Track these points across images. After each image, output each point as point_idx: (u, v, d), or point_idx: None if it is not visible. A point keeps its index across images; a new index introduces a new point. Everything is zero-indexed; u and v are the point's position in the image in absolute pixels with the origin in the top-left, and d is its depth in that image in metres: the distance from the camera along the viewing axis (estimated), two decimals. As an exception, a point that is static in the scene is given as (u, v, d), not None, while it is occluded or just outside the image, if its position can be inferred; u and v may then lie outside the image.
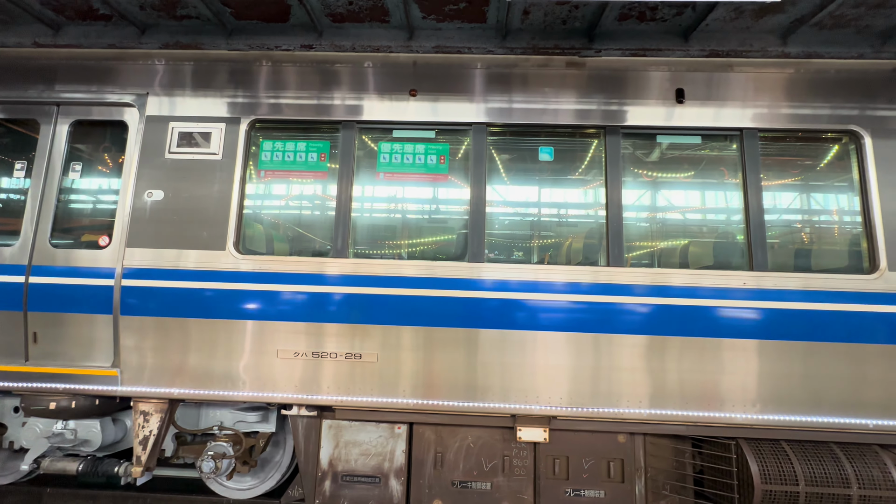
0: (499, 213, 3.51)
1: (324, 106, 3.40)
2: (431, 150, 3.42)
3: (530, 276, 3.16)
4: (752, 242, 3.16)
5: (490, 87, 3.39)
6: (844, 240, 3.32)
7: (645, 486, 3.12)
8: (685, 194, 3.54)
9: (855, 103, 3.26)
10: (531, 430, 3.10)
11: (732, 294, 3.08)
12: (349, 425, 3.24)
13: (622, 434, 3.16)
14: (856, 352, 3.00)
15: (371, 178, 3.44)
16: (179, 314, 3.19)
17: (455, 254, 3.36)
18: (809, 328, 3.02)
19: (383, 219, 3.48)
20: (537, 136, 3.45)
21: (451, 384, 3.12)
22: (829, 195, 3.41)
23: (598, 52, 3.37)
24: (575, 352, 3.09)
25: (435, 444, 3.20)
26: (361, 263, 3.21)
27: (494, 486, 3.14)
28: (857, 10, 3.07)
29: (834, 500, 2.84)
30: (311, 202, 3.54)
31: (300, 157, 3.44)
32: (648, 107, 3.33)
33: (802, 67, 3.32)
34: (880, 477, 2.85)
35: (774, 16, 3.17)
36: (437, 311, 3.14)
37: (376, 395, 3.13)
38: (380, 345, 3.14)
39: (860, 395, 2.98)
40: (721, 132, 3.33)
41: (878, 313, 3.01)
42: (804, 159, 3.43)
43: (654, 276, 3.12)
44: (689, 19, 3.24)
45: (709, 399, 3.04)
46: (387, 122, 3.40)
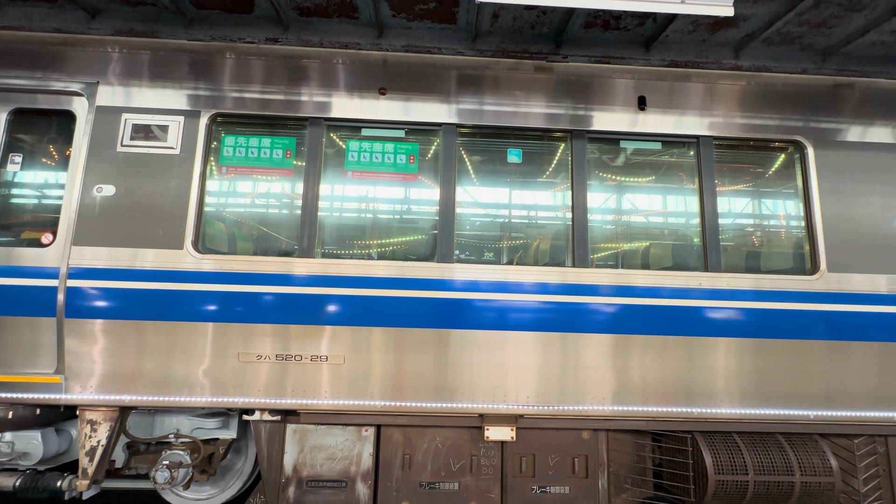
0: (468, 213, 3.52)
1: (291, 102, 3.31)
2: (401, 149, 3.39)
3: (499, 276, 3.19)
4: (707, 245, 3.31)
5: (461, 89, 3.40)
6: (790, 243, 3.54)
7: (608, 481, 3.22)
8: (647, 198, 3.68)
9: (799, 115, 3.49)
10: (499, 429, 3.13)
11: (690, 294, 3.22)
12: (315, 429, 3.16)
13: (586, 431, 3.24)
14: (799, 348, 3.20)
15: (339, 177, 3.38)
16: (131, 316, 3.02)
17: (424, 254, 3.34)
18: (759, 326, 3.20)
19: (351, 218, 3.43)
20: (506, 139, 3.49)
21: (420, 385, 3.10)
22: (777, 201, 3.64)
23: (564, 57, 3.45)
24: (542, 351, 3.15)
25: (403, 446, 3.18)
26: (328, 263, 3.14)
27: (462, 485, 3.15)
28: (801, 28, 3.29)
29: (779, 486, 3.02)
30: (276, 200, 3.43)
31: (265, 154, 3.33)
32: (613, 113, 3.44)
33: (753, 80, 3.52)
34: (819, 464, 3.06)
35: (728, 30, 3.35)
36: (405, 312, 3.12)
37: (343, 397, 3.08)
38: (347, 346, 3.09)
39: (803, 388, 3.19)
40: (679, 139, 3.48)
41: (818, 311, 3.22)
42: (755, 167, 3.64)
43: (619, 277, 3.22)
44: (650, 30, 3.37)
45: (667, 395, 3.16)
46: (356, 120, 3.34)
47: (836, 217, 3.35)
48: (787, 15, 3.12)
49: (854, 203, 3.38)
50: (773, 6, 3.10)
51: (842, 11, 3.11)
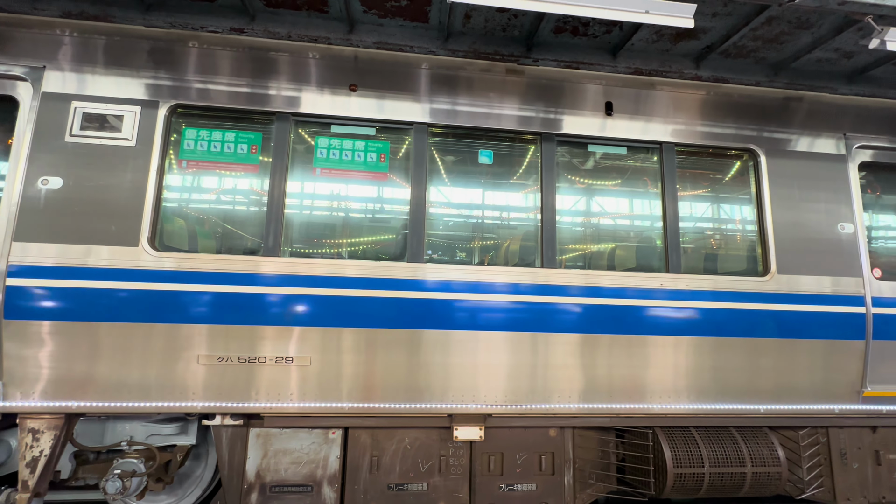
0: (439, 213, 3.52)
1: (257, 95, 3.20)
2: (372, 147, 3.35)
3: (470, 276, 3.20)
4: (669, 247, 3.44)
5: (433, 88, 3.39)
6: (744, 246, 3.73)
7: (573, 477, 3.29)
8: (613, 201, 3.78)
9: (753, 125, 3.68)
10: (467, 428, 3.13)
11: (652, 294, 3.34)
12: (279, 433, 3.07)
13: (553, 428, 3.30)
14: (752, 346, 3.38)
15: (307, 174, 3.30)
16: (81, 317, 2.84)
17: (395, 254, 3.31)
18: (716, 325, 3.36)
19: (320, 217, 3.35)
20: (478, 140, 3.51)
21: (390, 386, 3.07)
22: (734, 206, 3.83)
23: (535, 61, 3.50)
24: (512, 351, 3.18)
25: (371, 448, 3.14)
26: (297, 263, 3.06)
27: (431, 486, 3.14)
28: (755, 42, 3.47)
29: (732, 478, 3.18)
30: (241, 197, 3.32)
31: (228, 148, 3.21)
32: (581, 117, 3.52)
33: (712, 90, 3.69)
34: (768, 455, 3.24)
35: (689, 41, 3.50)
36: (374, 312, 3.08)
37: (310, 400, 3.01)
38: (314, 347, 3.02)
39: (755, 384, 3.37)
40: (644, 144, 3.60)
41: (769, 311, 3.41)
42: (714, 173, 3.82)
43: (587, 278, 3.30)
44: (617, 37, 3.47)
45: (631, 392, 3.27)
46: (325, 116, 3.27)
47: (786, 222, 3.56)
48: (743, 29, 3.28)
49: (801, 209, 3.59)
50: (730, 20, 3.25)
51: (791, 28, 3.30)
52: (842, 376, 3.44)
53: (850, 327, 3.46)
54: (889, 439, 3.62)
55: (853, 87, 3.87)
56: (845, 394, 3.44)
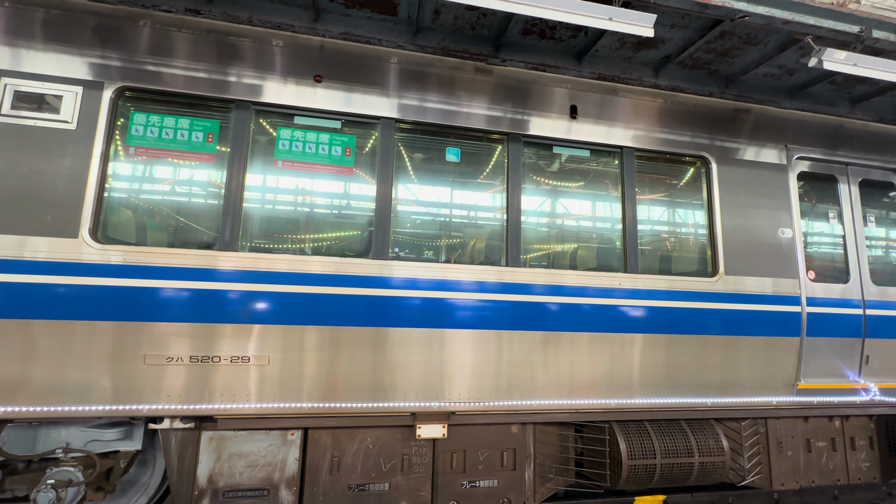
0: (405, 210, 3.48)
1: (215, 81, 3.04)
2: (337, 140, 3.26)
3: (435, 274, 3.18)
4: (627, 248, 3.58)
5: (402, 83, 3.35)
6: (696, 248, 3.93)
7: (533, 472, 3.35)
8: (577, 203, 3.89)
9: (706, 134, 3.88)
10: (431, 426, 3.13)
11: (612, 293, 3.45)
12: (234, 436, 2.94)
13: (515, 425, 3.35)
14: (702, 342, 3.57)
15: (268, 166, 3.18)
16: (9, 314, 2.59)
17: (359, 251, 3.25)
18: (670, 323, 3.52)
19: (282, 211, 3.24)
20: (445, 137, 3.50)
21: (353, 385, 3.01)
22: (688, 210, 4.02)
23: (503, 61, 3.54)
24: (476, 348, 3.20)
25: (332, 449, 3.07)
26: (254, 258, 2.94)
27: (393, 486, 3.11)
28: (709, 55, 3.66)
29: (681, 468, 3.35)
30: (196, 188, 3.14)
31: (182, 136, 3.03)
32: (547, 119, 3.58)
33: (670, 99, 3.86)
34: (714, 445, 3.44)
35: (649, 51, 3.64)
36: (335, 310, 3.01)
37: (268, 400, 2.90)
38: (273, 346, 2.91)
39: (703, 379, 3.56)
40: (606, 148, 3.71)
41: (716, 310, 3.62)
42: (670, 178, 4.00)
43: (551, 277, 3.37)
44: (582, 43, 3.56)
45: (590, 388, 3.37)
46: (288, 106, 3.16)
47: (733, 226, 3.78)
48: (698, 42, 3.45)
49: (747, 214, 3.83)
50: (687, 32, 3.41)
51: (741, 44, 3.51)
52: (779, 371, 3.70)
53: (787, 325, 3.72)
54: (819, 428, 3.94)
55: (794, 102, 4.16)
56: (782, 387, 3.70)
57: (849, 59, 3.31)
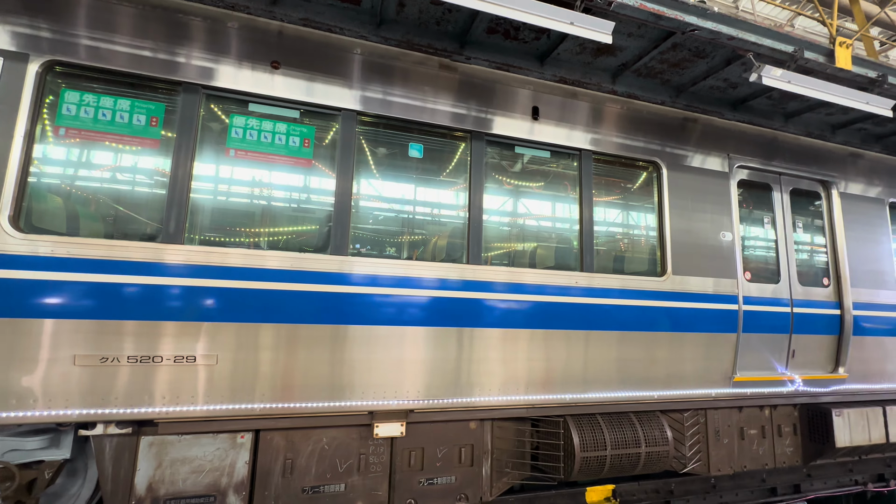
0: (366, 206, 3.41)
1: (161, 61, 2.83)
2: (295, 130, 3.14)
3: (396, 270, 3.14)
4: (583, 248, 3.70)
5: (365, 75, 3.27)
6: (647, 249, 4.13)
7: (491, 467, 3.40)
8: (537, 203, 3.97)
9: (658, 140, 4.08)
10: (388, 425, 3.09)
11: (569, 291, 3.56)
12: (177, 440, 2.77)
13: (473, 421, 3.38)
14: (650, 339, 3.76)
15: (219, 155, 3.00)
16: None
17: (318, 246, 3.15)
18: (622, 320, 3.67)
19: (235, 202, 3.07)
20: (409, 133, 3.45)
21: (307, 384, 2.92)
22: (640, 213, 4.21)
23: (468, 59, 3.54)
24: (436, 345, 3.19)
25: (285, 451, 2.95)
26: (206, 251, 2.77)
27: (349, 486, 3.05)
28: (662, 65, 3.85)
29: (629, 458, 3.51)
30: (136, 175, 2.91)
31: (121, 118, 2.80)
32: (510, 119, 3.63)
33: (626, 105, 4.02)
34: (659, 436, 3.63)
35: (607, 57, 3.77)
36: (292, 307, 2.90)
37: (215, 402, 2.75)
38: (221, 345, 2.76)
39: (651, 373, 3.75)
40: (565, 150, 3.81)
41: (664, 308, 3.82)
42: (624, 182, 4.17)
43: (511, 275, 3.41)
44: (545, 45, 3.63)
45: (547, 383, 3.45)
46: (241, 92, 3.00)
47: (680, 228, 4.00)
48: (652, 52, 3.62)
49: (693, 218, 4.07)
50: (643, 42, 3.57)
51: (691, 56, 3.71)
52: (718, 365, 3.97)
53: (726, 322, 3.99)
54: (751, 417, 4.26)
55: (736, 114, 4.46)
56: (720, 380, 3.97)
57: (784, 77, 3.58)
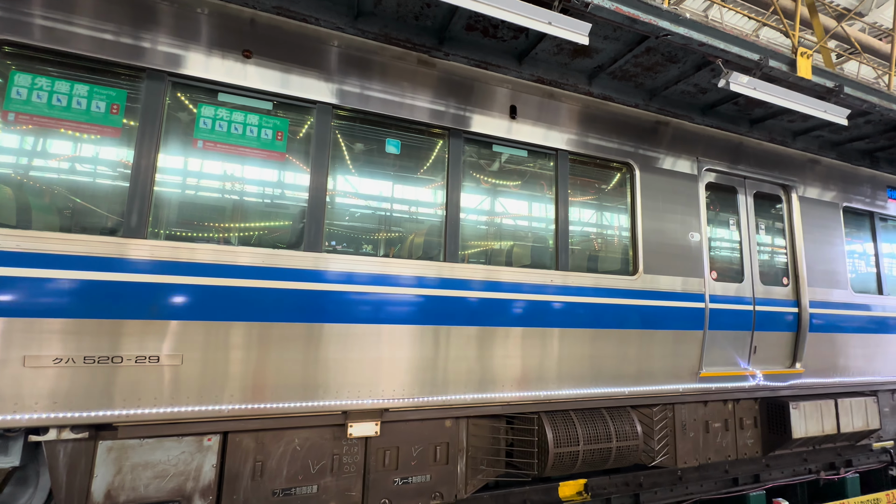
0: (341, 201, 3.34)
1: (124, 45, 2.68)
2: (267, 123, 3.04)
3: (371, 268, 3.09)
4: (559, 246, 3.74)
5: (342, 68, 3.20)
6: (620, 248, 4.22)
7: (466, 465, 3.40)
8: (514, 202, 3.99)
9: (632, 142, 4.17)
10: (363, 425, 3.04)
11: (544, 290, 3.59)
12: (139, 444, 2.64)
13: (449, 419, 3.37)
14: (622, 336, 3.84)
15: (187, 146, 2.87)
16: None
17: (291, 242, 3.06)
18: (595, 318, 3.74)
19: (203, 196, 2.95)
20: (386, 128, 3.40)
21: (280, 384, 2.84)
22: (613, 213, 4.30)
23: (446, 55, 3.52)
24: (412, 343, 3.16)
25: (255, 453, 2.87)
26: (173, 247, 2.64)
27: (321, 487, 2.98)
28: (636, 69, 3.93)
29: (601, 452, 3.59)
30: (96, 166, 2.75)
31: (78, 104, 2.63)
32: (488, 117, 3.63)
33: (601, 107, 4.09)
34: (630, 431, 3.72)
35: (584, 59, 3.83)
36: (263, 304, 2.81)
37: (180, 404, 2.63)
38: (188, 344, 2.65)
39: (622, 370, 3.84)
40: (542, 150, 3.85)
41: (635, 306, 3.91)
42: (599, 182, 4.25)
43: (488, 273, 3.42)
44: (523, 44, 3.65)
45: (522, 381, 3.48)
46: (211, 81, 2.88)
47: (652, 229, 4.11)
48: (627, 55, 3.69)
49: (664, 219, 4.18)
50: (618, 45, 3.63)
51: (664, 60, 3.81)
52: (686, 361, 4.10)
53: (693, 320, 4.13)
54: (715, 411, 4.43)
55: (705, 119, 4.62)
56: (687, 375, 4.11)
57: (750, 83, 3.73)
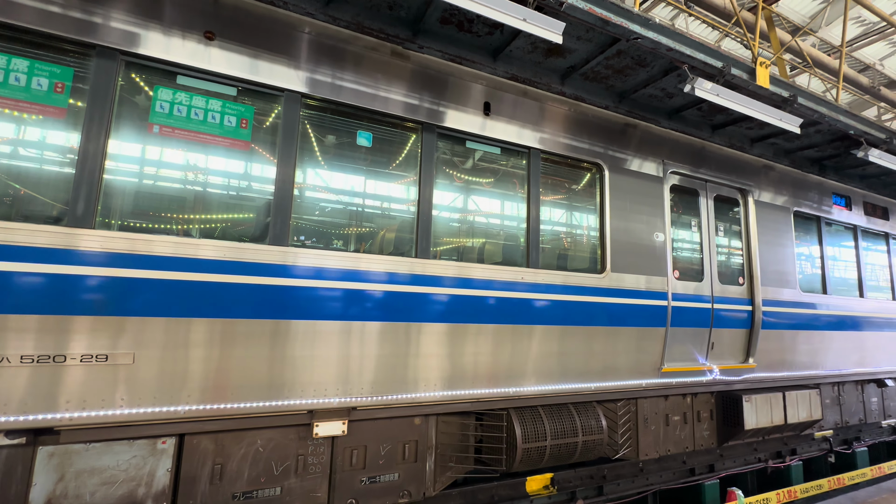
0: (309, 195, 3.23)
1: (72, 19, 2.47)
2: (231, 109, 2.89)
3: (342, 263, 3.01)
4: (530, 244, 3.77)
5: (311, 56, 3.08)
6: (589, 247, 4.31)
7: (435, 462, 3.38)
8: (486, 199, 3.98)
9: (602, 143, 4.25)
10: (329, 424, 2.96)
11: (515, 287, 3.61)
12: (84, 449, 2.46)
13: (418, 417, 3.34)
14: (589, 333, 3.92)
15: (141, 131, 2.69)
16: None
17: (256, 235, 2.93)
18: (564, 315, 3.80)
19: (161, 185, 2.77)
20: (358, 120, 3.31)
21: (242, 384, 2.71)
22: (583, 212, 4.38)
23: (420, 48, 3.46)
24: (382, 340, 3.10)
25: (213, 455, 2.73)
26: (117, 238, 2.47)
27: (285, 489, 2.89)
28: (607, 70, 4.01)
29: (568, 447, 3.65)
30: (37, 149, 2.53)
31: (16, 80, 2.41)
32: (462, 113, 3.60)
33: (573, 107, 4.15)
34: (595, 425, 3.81)
35: (557, 58, 3.86)
36: (227, 301, 2.68)
37: (132, 405, 2.47)
38: (140, 341, 2.49)
39: (589, 366, 3.92)
40: (515, 147, 3.86)
41: (603, 303, 4.00)
42: (570, 181, 4.31)
43: (459, 269, 3.40)
44: (498, 41, 3.64)
45: (491, 378, 3.49)
46: (168, 62, 2.70)
47: (619, 228, 4.21)
48: (599, 57, 3.75)
49: (631, 219, 4.30)
50: (591, 46, 3.68)
51: (633, 64, 3.90)
52: (649, 357, 4.24)
53: (657, 317, 4.27)
54: (675, 405, 4.61)
55: (670, 123, 4.77)
56: (650, 371, 4.25)
57: (713, 90, 3.87)
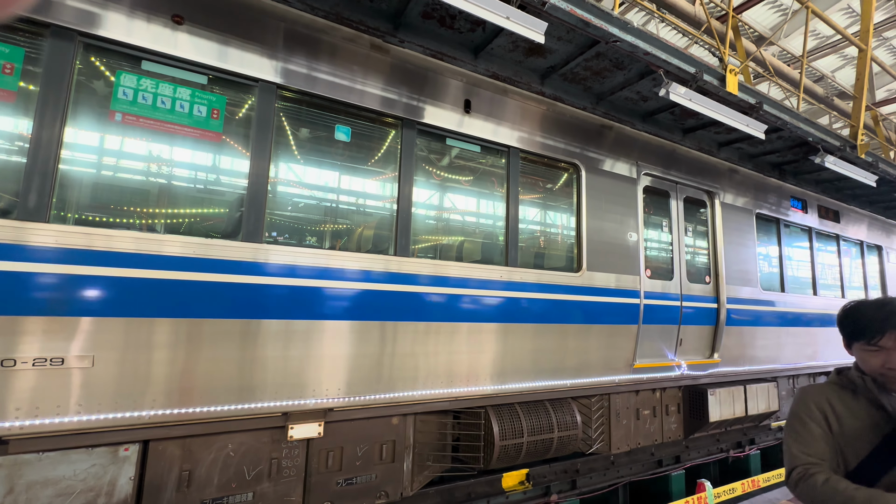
0: (284, 190, 3.13)
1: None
2: (200, 98, 2.74)
3: (317, 261, 2.92)
4: (508, 243, 3.79)
5: (288, 45, 2.97)
6: (565, 246, 4.37)
7: (412, 462, 3.36)
8: (465, 198, 3.97)
9: (579, 144, 4.31)
10: (304, 426, 2.89)
11: (492, 285, 3.62)
12: (36, 459, 2.29)
13: (396, 416, 3.30)
14: (564, 330, 3.98)
15: (101, 118, 2.52)
16: None
17: (228, 231, 2.81)
18: (540, 313, 3.84)
19: (123, 177, 2.60)
20: (335, 114, 3.22)
21: (212, 386, 2.60)
22: (561, 212, 4.44)
23: (401, 42, 3.39)
24: (358, 340, 3.04)
25: (181, 461, 2.61)
26: (74, 232, 2.31)
27: (258, 494, 2.79)
28: (586, 72, 4.06)
29: (543, 443, 3.71)
30: (-18, 134, 2.33)
31: (-43, 59, 2.21)
32: (442, 109, 3.56)
33: (552, 108, 4.18)
34: (570, 421, 3.88)
35: (538, 58, 3.88)
36: (195, 300, 2.55)
37: (90, 411, 2.33)
38: (100, 343, 2.34)
39: (564, 363, 3.98)
40: (495, 146, 3.86)
41: (578, 301, 4.07)
42: (548, 181, 4.35)
43: (436, 268, 3.37)
44: (480, 38, 3.61)
45: (469, 376, 3.49)
46: (132, 46, 2.54)
47: (595, 228, 4.29)
48: (578, 58, 3.79)
49: (606, 218, 4.38)
50: (570, 47, 3.72)
51: (611, 66, 3.96)
52: (622, 354, 4.35)
53: (629, 314, 4.39)
54: (645, 399, 4.76)
55: (644, 126, 4.89)
56: (622, 367, 4.37)
57: (686, 95, 3.98)
